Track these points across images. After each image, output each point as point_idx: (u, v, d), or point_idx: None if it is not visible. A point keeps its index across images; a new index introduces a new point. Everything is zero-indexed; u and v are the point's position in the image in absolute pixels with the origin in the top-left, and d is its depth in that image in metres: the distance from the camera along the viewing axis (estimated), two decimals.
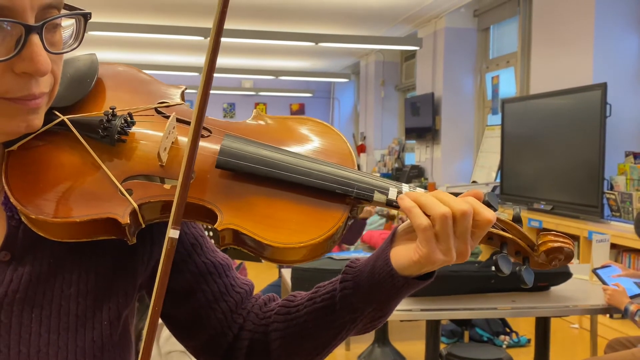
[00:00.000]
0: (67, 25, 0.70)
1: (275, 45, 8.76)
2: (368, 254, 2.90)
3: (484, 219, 0.68)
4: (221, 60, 10.62)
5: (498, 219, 0.72)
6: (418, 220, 0.68)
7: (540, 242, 0.73)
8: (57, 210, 0.68)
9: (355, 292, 0.73)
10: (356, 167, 0.76)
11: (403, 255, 0.71)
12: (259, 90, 12.24)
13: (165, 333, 2.27)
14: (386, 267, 0.71)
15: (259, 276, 4.84)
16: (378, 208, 4.47)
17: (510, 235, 0.73)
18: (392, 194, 0.71)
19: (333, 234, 0.70)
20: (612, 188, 4.81)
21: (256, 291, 0.92)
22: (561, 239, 0.72)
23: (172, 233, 0.63)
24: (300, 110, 12.87)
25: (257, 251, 0.70)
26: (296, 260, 0.70)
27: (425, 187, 7.71)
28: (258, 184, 0.72)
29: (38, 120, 0.69)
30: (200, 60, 10.66)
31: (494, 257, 0.69)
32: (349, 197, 0.72)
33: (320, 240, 0.69)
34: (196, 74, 9.93)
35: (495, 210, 0.70)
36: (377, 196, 0.71)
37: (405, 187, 0.72)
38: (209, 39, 0.62)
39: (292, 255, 0.70)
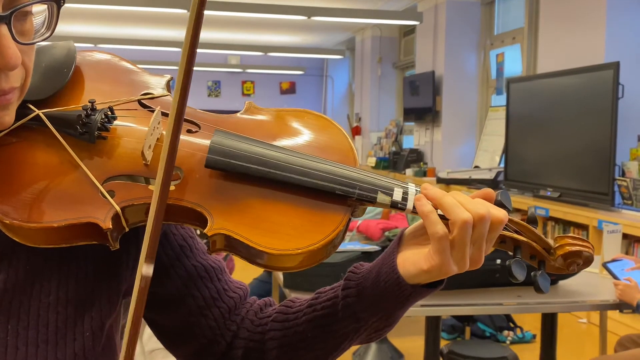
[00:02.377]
0: (39, 11, 0.69)
1: (264, 19, 8.69)
2: (365, 245, 2.88)
3: (496, 219, 0.67)
4: (205, 35, 10.55)
5: (511, 221, 0.72)
6: (434, 228, 0.67)
7: (557, 245, 0.73)
8: (33, 214, 0.67)
9: (359, 301, 0.73)
10: (358, 165, 0.75)
11: (411, 263, 0.70)
12: (246, 67, 12.16)
13: (148, 330, 2.27)
14: (392, 275, 0.70)
15: (247, 268, 4.84)
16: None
17: (524, 239, 0.72)
18: (397, 195, 0.70)
19: (333, 239, 0.69)
20: (623, 174, 4.82)
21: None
22: (580, 242, 0.72)
23: (145, 270, 0.59)
24: (290, 88, 12.82)
25: (251, 258, 0.69)
26: (293, 267, 0.70)
27: (424, 173, 7.74)
28: (251, 184, 0.71)
29: (9, 117, 0.68)
30: (182, 34, 10.56)
31: (507, 262, 0.69)
32: (350, 199, 0.71)
33: (320, 246, 0.68)
34: (178, 49, 9.85)
35: (508, 210, 0.69)
36: (381, 197, 0.70)
37: (411, 187, 0.71)
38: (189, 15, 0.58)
39: (289, 262, 0.69)
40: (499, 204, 0.70)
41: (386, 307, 0.72)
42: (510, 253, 0.73)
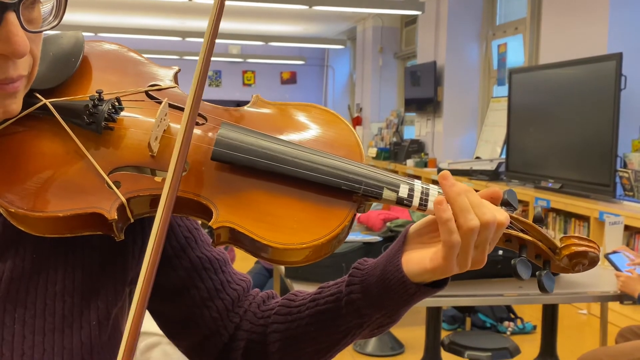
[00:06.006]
0: None
1: (265, 8, 8.66)
2: (365, 236, 2.87)
3: (499, 223, 0.67)
4: (205, 24, 10.47)
5: (517, 220, 0.72)
6: (450, 237, 0.67)
7: (563, 245, 0.73)
8: (38, 203, 0.67)
9: (363, 297, 0.73)
10: (364, 161, 0.75)
11: (416, 263, 0.70)
12: (247, 56, 12.12)
13: (141, 345, 2.22)
14: (397, 274, 0.70)
15: (247, 258, 4.85)
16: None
17: (530, 238, 0.72)
18: (403, 192, 0.70)
19: (338, 234, 0.69)
20: (625, 166, 4.82)
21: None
22: (585, 243, 0.72)
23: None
24: (291, 78, 12.78)
25: (256, 252, 0.69)
26: (298, 262, 0.70)
27: (425, 164, 7.73)
28: (257, 178, 0.71)
29: (16, 105, 0.68)
30: (184, 23, 10.41)
31: (512, 262, 0.69)
32: (355, 194, 0.71)
33: (324, 241, 0.68)
34: (179, 38, 9.82)
35: (514, 209, 0.70)
36: (387, 193, 0.70)
37: (417, 184, 0.72)
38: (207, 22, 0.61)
39: (294, 257, 0.69)
40: (506, 202, 0.71)
41: (390, 304, 0.72)
42: (516, 252, 0.73)
